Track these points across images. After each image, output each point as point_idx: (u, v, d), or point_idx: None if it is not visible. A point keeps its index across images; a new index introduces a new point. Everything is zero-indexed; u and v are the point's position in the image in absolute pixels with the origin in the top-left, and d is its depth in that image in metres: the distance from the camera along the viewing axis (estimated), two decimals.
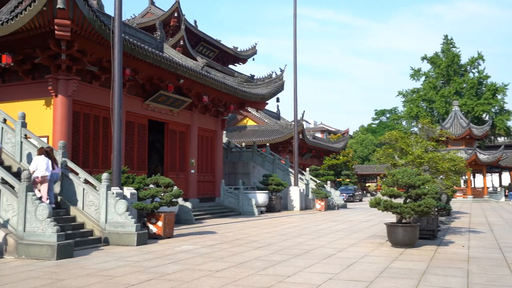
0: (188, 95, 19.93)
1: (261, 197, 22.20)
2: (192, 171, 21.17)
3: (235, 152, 28.99)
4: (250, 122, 40.83)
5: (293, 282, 6.48)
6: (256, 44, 44.27)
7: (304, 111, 37.69)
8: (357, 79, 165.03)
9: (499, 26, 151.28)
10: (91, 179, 11.26)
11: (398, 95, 54.46)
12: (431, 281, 6.51)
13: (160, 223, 11.65)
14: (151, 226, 11.70)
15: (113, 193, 10.83)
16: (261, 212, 21.78)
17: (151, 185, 13.21)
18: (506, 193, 44.20)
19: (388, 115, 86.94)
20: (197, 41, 37.25)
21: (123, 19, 15.29)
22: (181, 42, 30.29)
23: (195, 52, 32.27)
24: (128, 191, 11.99)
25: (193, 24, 36.79)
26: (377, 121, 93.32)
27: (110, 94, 12.01)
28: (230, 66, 42.35)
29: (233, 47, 41.90)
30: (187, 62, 20.84)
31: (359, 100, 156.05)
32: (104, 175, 11.04)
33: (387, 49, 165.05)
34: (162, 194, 12.18)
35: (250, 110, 36.32)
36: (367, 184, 67.96)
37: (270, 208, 23.11)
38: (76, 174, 11.38)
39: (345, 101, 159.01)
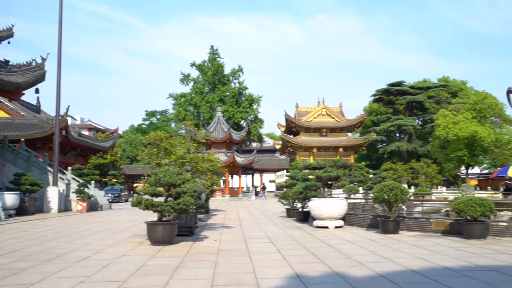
0: None
1: (9, 198, 19.52)
2: None
3: None
4: (1, 114, 35.59)
5: None
6: (13, 25, 38.69)
7: (69, 106, 35.01)
8: (130, 78, 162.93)
9: (256, 45, 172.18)
10: None
11: (168, 98, 56.10)
12: (182, 274, 6.83)
13: None
14: None
15: None
16: (10, 216, 19.18)
17: None
18: (260, 192, 50.39)
19: (158, 117, 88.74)
20: None
21: None
22: None
23: None
24: None
25: None
26: (147, 122, 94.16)
27: None
28: None
29: None
30: None
31: (130, 99, 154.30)
32: None
33: (161, 52, 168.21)
34: None
35: (1, 100, 31.68)
36: (134, 185, 67.53)
37: (22, 210, 20.58)
38: None
39: (116, 100, 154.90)
